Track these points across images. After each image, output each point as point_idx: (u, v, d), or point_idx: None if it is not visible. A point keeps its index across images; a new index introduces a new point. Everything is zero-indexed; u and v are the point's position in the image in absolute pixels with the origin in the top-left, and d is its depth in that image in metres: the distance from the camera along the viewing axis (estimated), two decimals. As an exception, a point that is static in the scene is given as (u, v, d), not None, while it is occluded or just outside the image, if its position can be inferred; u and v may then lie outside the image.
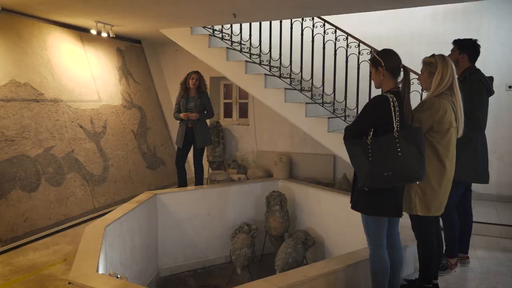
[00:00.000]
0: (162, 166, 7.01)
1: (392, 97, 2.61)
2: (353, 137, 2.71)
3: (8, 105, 4.67)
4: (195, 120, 5.60)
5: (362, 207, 2.74)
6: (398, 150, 2.51)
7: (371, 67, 2.79)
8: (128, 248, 4.59)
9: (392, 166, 2.51)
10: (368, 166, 2.56)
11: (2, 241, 4.21)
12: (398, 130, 2.56)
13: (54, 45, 5.59)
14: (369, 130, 2.65)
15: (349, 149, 2.67)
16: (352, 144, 2.66)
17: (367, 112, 2.68)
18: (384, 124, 2.60)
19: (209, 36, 5.99)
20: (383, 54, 2.73)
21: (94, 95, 6.02)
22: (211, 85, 7.59)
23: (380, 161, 2.53)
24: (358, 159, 2.61)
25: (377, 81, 2.77)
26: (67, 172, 5.17)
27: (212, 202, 5.84)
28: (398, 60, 2.69)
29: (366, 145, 2.59)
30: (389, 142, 2.54)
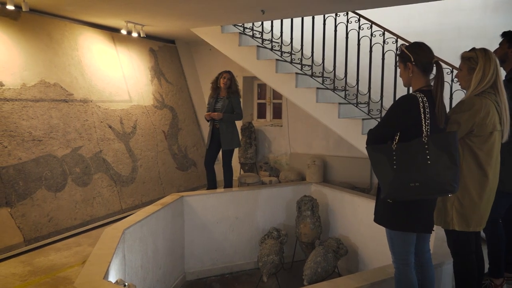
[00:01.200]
0: (193, 167, 6.91)
1: (422, 97, 2.28)
2: (376, 141, 2.40)
3: (36, 105, 4.71)
4: (221, 121, 5.44)
5: (386, 220, 2.42)
6: (427, 158, 2.18)
7: (399, 63, 2.47)
8: (150, 252, 4.49)
9: (420, 176, 2.18)
10: (392, 175, 2.25)
11: (26, 240, 4.23)
12: (428, 134, 2.23)
13: (86, 46, 5.61)
14: (395, 134, 2.33)
15: (371, 155, 2.37)
16: (375, 149, 2.36)
17: (393, 113, 2.37)
18: (412, 127, 2.28)
19: (239, 34, 5.81)
20: (413, 48, 2.40)
21: (125, 95, 6.00)
22: (245, 85, 7.42)
23: (406, 170, 2.22)
24: (381, 166, 2.31)
25: (406, 78, 2.45)
26: (94, 172, 5.16)
27: (241, 206, 5.66)
28: (429, 54, 2.35)
29: (390, 151, 2.28)
30: (417, 148, 2.21)
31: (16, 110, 4.48)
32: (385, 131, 2.37)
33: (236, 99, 5.57)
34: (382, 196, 2.31)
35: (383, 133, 2.38)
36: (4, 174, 4.19)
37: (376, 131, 2.43)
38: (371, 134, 2.44)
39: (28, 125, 4.56)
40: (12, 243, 4.10)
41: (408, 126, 2.29)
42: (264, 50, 5.73)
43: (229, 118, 5.49)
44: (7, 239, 4.07)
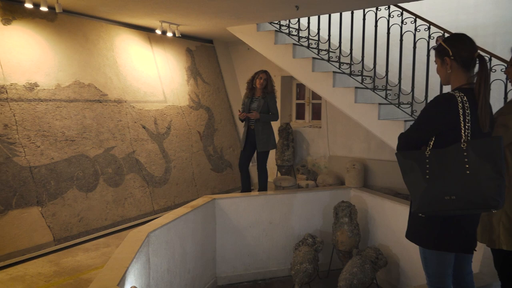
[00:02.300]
0: (228, 169, 6.78)
1: (462, 96, 1.97)
2: (408, 147, 2.11)
3: (70, 106, 4.75)
4: (257, 121, 5.26)
5: (418, 237, 2.12)
6: (466, 167, 1.86)
7: (436, 58, 2.16)
8: (178, 255, 4.38)
9: (457, 188, 1.87)
10: (424, 186, 1.95)
11: (56, 240, 4.26)
12: (467, 139, 1.92)
13: (122, 46, 5.63)
14: (429, 139, 2.03)
15: (401, 163, 2.08)
16: (406, 156, 2.06)
17: (427, 115, 2.06)
18: (449, 131, 1.97)
19: (275, 32, 5.61)
20: (451, 40, 2.08)
21: (160, 95, 5.98)
22: (283, 85, 7.20)
23: (441, 181, 1.91)
24: (412, 176, 2.01)
25: (444, 75, 2.13)
26: (126, 172, 5.15)
27: (275, 210, 5.44)
28: (471, 47, 2.03)
29: (423, 159, 1.98)
30: (455, 155, 1.90)
31: (50, 110, 4.54)
32: (418, 135, 2.07)
33: (272, 99, 5.37)
34: (413, 210, 2.02)
35: (416, 137, 2.08)
36: (36, 174, 4.25)
37: (408, 135, 2.13)
38: (402, 139, 2.15)
39: (62, 125, 4.61)
40: (42, 242, 4.14)
41: (445, 130, 1.99)
42: (300, 48, 5.49)
43: (266, 118, 5.30)
44: (37, 238, 4.11)
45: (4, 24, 4.35)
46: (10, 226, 3.94)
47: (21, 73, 4.38)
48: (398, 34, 4.64)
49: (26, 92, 4.37)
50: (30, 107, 4.36)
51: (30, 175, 4.19)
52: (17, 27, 4.47)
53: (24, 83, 4.37)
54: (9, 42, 4.35)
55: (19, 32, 4.48)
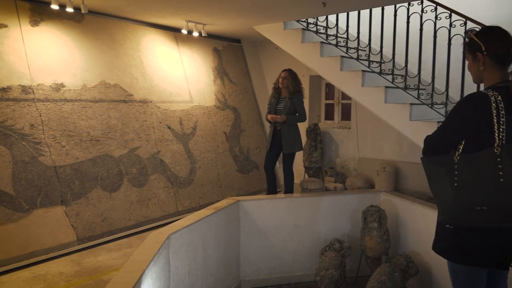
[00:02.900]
0: (255, 170, 6.68)
1: (496, 96, 1.77)
2: (434, 151, 1.93)
3: (96, 106, 4.78)
4: (283, 122, 5.13)
5: (446, 250, 1.93)
6: (500, 174, 1.67)
7: (467, 54, 1.97)
8: (200, 258, 4.31)
9: (489, 197, 1.68)
10: (452, 194, 1.77)
11: (79, 239, 4.29)
12: (502, 144, 1.72)
13: (148, 47, 5.64)
14: (458, 142, 1.85)
15: (427, 168, 1.90)
16: (432, 161, 1.88)
17: (456, 116, 1.87)
18: (480, 134, 1.78)
19: (302, 30, 5.45)
20: (484, 34, 1.88)
21: (186, 95, 5.95)
22: (311, 85, 7.02)
23: (471, 189, 1.73)
24: (438, 183, 1.83)
25: (475, 72, 1.94)
26: (151, 173, 5.14)
27: (301, 213, 5.29)
28: (506, 41, 1.83)
29: (451, 164, 1.80)
30: (487, 161, 1.71)
31: (76, 111, 4.58)
32: (445, 138, 1.89)
33: (299, 99, 5.21)
34: (440, 221, 1.84)
35: (443, 140, 1.90)
36: (61, 173, 4.29)
37: (435, 138, 1.95)
38: (428, 142, 1.97)
39: (87, 125, 4.64)
40: (66, 242, 4.17)
41: (476, 133, 1.79)
42: (328, 47, 5.31)
43: (293, 120, 5.15)
44: (61, 237, 4.15)
45: (32, 25, 4.42)
46: (35, 225, 3.99)
47: (48, 74, 4.44)
48: (431, 30, 4.39)
49: (52, 92, 4.42)
50: (56, 107, 4.41)
51: (55, 175, 4.24)
52: (45, 28, 4.53)
53: (50, 84, 4.43)
54: (37, 43, 4.42)
55: (46, 33, 4.54)
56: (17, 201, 3.90)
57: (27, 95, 4.20)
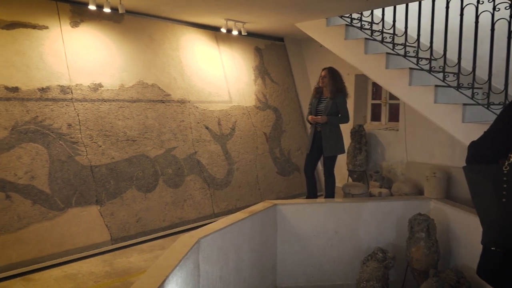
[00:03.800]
0: (296, 172, 6.46)
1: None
2: (480, 159, 1.64)
3: (133, 106, 4.79)
4: (324, 124, 4.88)
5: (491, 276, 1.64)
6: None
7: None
8: (232, 263, 4.18)
9: (545, 217, 1.39)
10: (498, 211, 1.49)
11: (113, 239, 4.29)
12: None
13: (188, 46, 5.59)
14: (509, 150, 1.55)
15: (470, 180, 1.62)
16: (476, 171, 1.60)
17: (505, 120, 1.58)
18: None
19: (345, 27, 5.17)
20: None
21: (225, 95, 5.84)
22: (357, 84, 6.68)
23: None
24: (483, 197, 1.56)
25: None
26: (187, 174, 5.08)
27: (342, 219, 5.01)
28: None
29: (499, 175, 1.52)
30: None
31: (113, 111, 4.60)
32: (494, 144, 1.60)
33: (341, 99, 4.94)
34: (482, 242, 1.56)
35: (490, 148, 1.61)
36: (97, 173, 4.31)
37: (481, 144, 1.66)
38: (473, 148, 1.69)
39: (124, 125, 4.65)
40: (99, 241, 4.18)
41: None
42: (373, 43, 5.00)
43: (335, 121, 4.89)
44: (95, 237, 4.16)
45: (72, 26, 4.49)
46: (69, 223, 4.03)
47: (87, 74, 4.49)
48: (488, 23, 3.97)
49: (90, 92, 4.46)
50: (93, 107, 4.45)
51: (91, 174, 4.27)
52: (84, 29, 4.59)
53: (89, 84, 4.48)
54: (76, 44, 4.48)
55: (86, 34, 4.60)
56: (53, 200, 3.96)
57: (65, 95, 4.26)
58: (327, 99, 4.95)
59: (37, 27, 4.21)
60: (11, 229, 3.67)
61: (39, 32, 4.21)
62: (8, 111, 3.86)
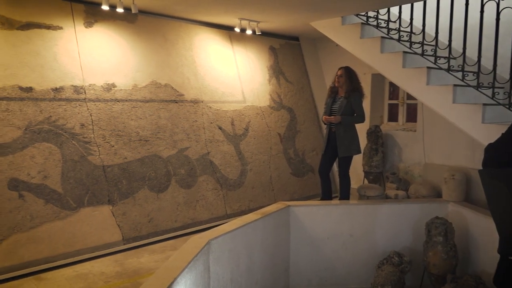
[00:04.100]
0: (310, 173, 6.37)
1: None
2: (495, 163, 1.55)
3: (146, 106, 4.78)
4: (338, 124, 4.79)
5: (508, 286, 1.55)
6: None
7: None
8: (244, 265, 4.12)
9: None
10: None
11: (125, 239, 4.29)
12: None
13: (201, 46, 5.56)
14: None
15: (487, 184, 1.53)
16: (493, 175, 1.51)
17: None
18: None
19: (361, 25, 5.07)
20: None
21: (239, 95, 5.80)
22: (373, 84, 6.55)
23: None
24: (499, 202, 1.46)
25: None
26: (199, 174, 5.05)
27: (357, 222, 4.91)
28: None
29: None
30: None
31: (126, 111, 4.60)
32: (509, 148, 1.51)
33: (357, 99, 4.83)
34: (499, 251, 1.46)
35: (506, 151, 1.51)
36: (109, 173, 4.32)
37: (499, 147, 1.57)
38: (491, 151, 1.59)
39: (136, 125, 4.65)
40: (111, 241, 4.19)
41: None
42: (389, 42, 4.88)
43: (349, 121, 4.79)
44: (107, 237, 4.17)
45: (86, 27, 4.51)
46: (81, 223, 4.04)
47: (100, 74, 4.50)
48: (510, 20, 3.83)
49: (103, 92, 4.47)
50: (106, 107, 4.46)
51: (103, 174, 4.28)
52: (98, 29, 4.61)
53: (102, 84, 4.49)
54: (90, 44, 4.50)
55: (100, 34, 4.61)
56: (65, 199, 3.98)
57: (78, 95, 4.28)
58: (341, 98, 4.85)
59: (51, 28, 4.24)
60: (23, 228, 3.70)
61: (53, 32, 4.24)
62: (22, 111, 3.89)
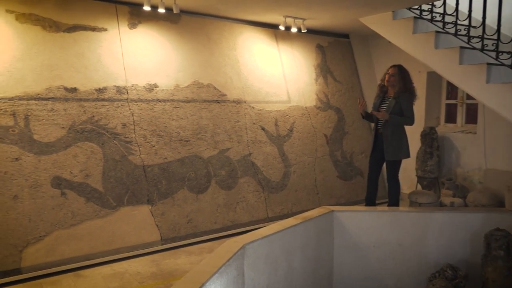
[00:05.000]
0: (358, 177, 6.07)
1: None
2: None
3: (187, 106, 4.77)
4: (385, 124, 4.49)
5: None
6: None
7: None
8: (282, 271, 3.97)
9: None
10: None
11: (163, 239, 4.28)
12: None
13: (245, 45, 5.47)
14: None
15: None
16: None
17: None
18: None
19: (413, 20, 4.73)
20: None
21: (283, 95, 5.64)
22: (429, 83, 6.12)
23: None
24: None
25: None
26: (240, 176, 4.96)
27: (407, 230, 4.58)
28: None
29: None
30: None
31: (167, 111, 4.61)
32: None
33: (407, 99, 4.50)
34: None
35: None
36: (149, 173, 4.34)
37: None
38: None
39: (177, 125, 4.64)
40: (149, 241, 4.20)
41: None
42: (445, 36, 4.51)
43: (396, 121, 4.48)
44: (145, 236, 4.19)
45: (130, 28, 4.57)
46: (121, 222, 4.08)
47: (143, 75, 4.55)
48: None
49: (145, 92, 4.51)
50: (148, 107, 4.49)
51: (143, 174, 4.30)
52: (142, 30, 4.65)
53: (144, 84, 4.53)
54: (133, 45, 4.55)
55: (143, 35, 4.65)
56: (105, 198, 4.04)
57: (121, 95, 4.34)
58: (390, 98, 4.55)
59: (96, 30, 4.33)
60: (65, 225, 3.80)
61: (98, 34, 4.33)
62: (66, 111, 4.00)
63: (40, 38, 4.00)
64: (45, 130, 3.85)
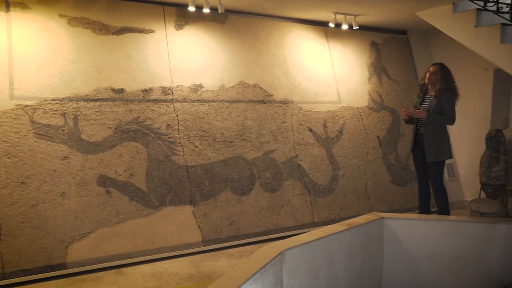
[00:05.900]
0: (414, 182, 5.67)
1: None
2: None
3: (232, 106, 4.71)
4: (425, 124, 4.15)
5: None
6: None
7: None
8: (324, 279, 3.78)
9: None
10: None
11: (204, 241, 4.26)
12: None
13: (294, 44, 5.32)
14: None
15: None
16: None
17: None
18: None
19: (476, 12, 4.33)
20: None
21: (333, 95, 5.42)
22: (496, 81, 5.60)
23: None
24: None
25: None
26: (286, 178, 4.82)
27: (466, 242, 4.19)
28: None
29: None
30: None
31: (212, 111, 4.58)
32: None
33: (448, 98, 4.12)
34: None
35: None
36: (192, 173, 4.34)
37: None
38: None
39: (222, 126, 4.60)
40: (191, 242, 4.19)
41: None
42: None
43: (436, 120, 4.12)
44: (187, 237, 4.18)
45: (177, 29, 4.60)
46: (163, 222, 4.11)
47: (188, 75, 4.56)
48: None
49: (190, 93, 4.52)
50: (192, 108, 4.49)
51: (186, 174, 4.31)
52: (188, 31, 4.67)
53: (189, 85, 4.54)
54: (180, 46, 4.58)
55: (190, 36, 4.67)
56: (148, 197, 4.09)
57: (166, 96, 4.37)
58: (431, 98, 4.20)
59: (143, 31, 4.40)
60: (109, 223, 3.89)
61: (145, 36, 4.41)
62: (113, 111, 4.10)
63: (90, 41, 4.13)
64: (92, 130, 3.97)
